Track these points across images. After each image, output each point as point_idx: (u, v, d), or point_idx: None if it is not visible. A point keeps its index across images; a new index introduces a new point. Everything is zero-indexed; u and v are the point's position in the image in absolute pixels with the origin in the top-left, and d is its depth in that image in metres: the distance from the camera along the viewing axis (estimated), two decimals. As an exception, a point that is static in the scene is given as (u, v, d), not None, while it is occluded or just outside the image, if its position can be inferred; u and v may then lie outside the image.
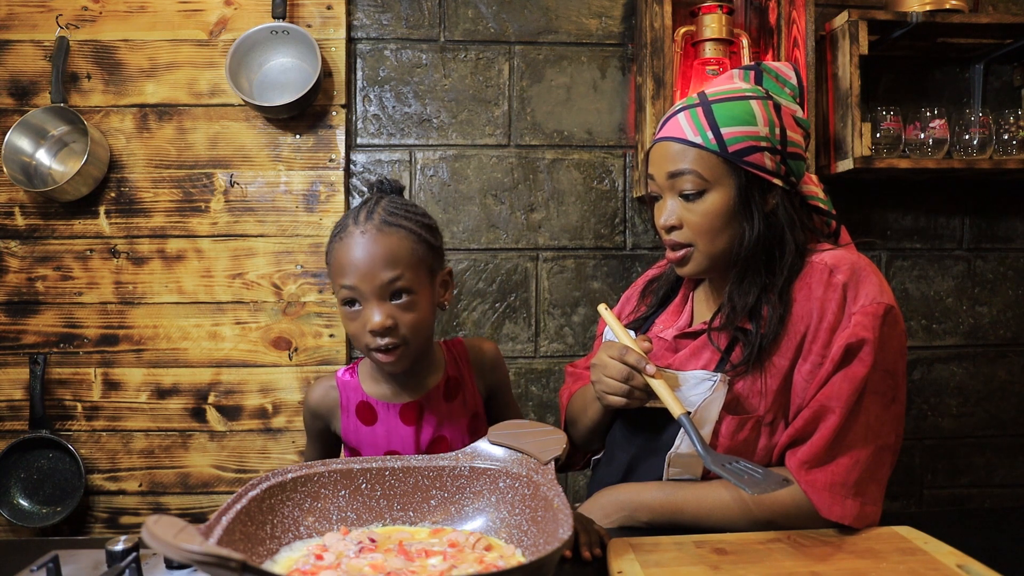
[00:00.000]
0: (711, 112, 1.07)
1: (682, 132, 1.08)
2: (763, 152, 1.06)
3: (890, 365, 1.02)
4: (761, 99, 1.08)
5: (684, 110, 1.09)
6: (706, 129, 1.06)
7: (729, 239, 1.08)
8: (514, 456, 0.96)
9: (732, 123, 1.06)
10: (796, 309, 1.06)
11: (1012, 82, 2.03)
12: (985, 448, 2.07)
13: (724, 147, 1.05)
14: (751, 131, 1.06)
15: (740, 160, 1.06)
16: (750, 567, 0.88)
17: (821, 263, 1.07)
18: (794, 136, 1.09)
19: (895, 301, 1.05)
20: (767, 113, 1.07)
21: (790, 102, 1.12)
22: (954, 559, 0.89)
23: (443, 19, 1.96)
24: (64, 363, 1.88)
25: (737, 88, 1.10)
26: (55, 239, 1.87)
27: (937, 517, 1.36)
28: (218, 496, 1.90)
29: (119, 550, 0.84)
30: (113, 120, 1.87)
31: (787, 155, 1.08)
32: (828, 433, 1.01)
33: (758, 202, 1.07)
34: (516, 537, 0.89)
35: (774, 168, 1.07)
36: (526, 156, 1.97)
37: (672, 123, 1.10)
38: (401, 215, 1.08)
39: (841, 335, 1.02)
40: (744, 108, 1.07)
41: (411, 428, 1.14)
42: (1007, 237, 2.06)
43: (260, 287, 1.90)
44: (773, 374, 1.06)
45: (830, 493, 1.00)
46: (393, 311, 1.04)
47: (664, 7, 1.77)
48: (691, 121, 1.07)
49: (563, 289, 1.97)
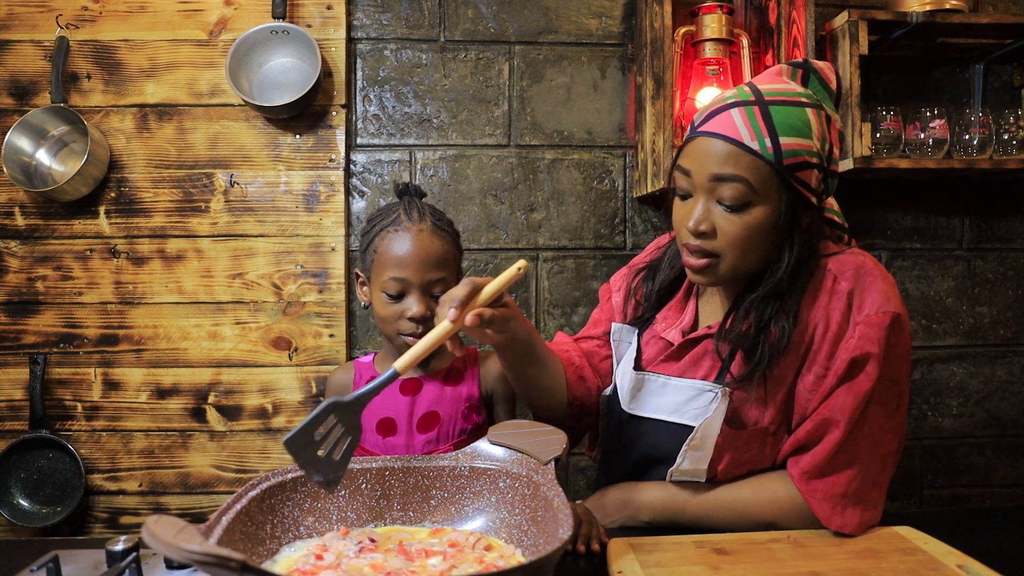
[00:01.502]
0: (769, 115, 0.97)
1: (736, 131, 0.97)
2: (812, 169, 0.99)
3: (895, 373, 1.00)
4: (815, 108, 1.01)
5: (739, 106, 0.98)
6: (764, 135, 0.96)
7: (762, 256, 1.01)
8: (514, 456, 0.96)
9: (791, 133, 0.97)
10: (801, 316, 1.02)
11: (1012, 82, 2.03)
12: (985, 448, 2.07)
13: (780, 158, 0.96)
14: (806, 144, 0.98)
15: (792, 175, 0.97)
16: (750, 567, 0.88)
17: (825, 269, 1.03)
18: (836, 153, 1.04)
19: (902, 305, 1.01)
20: (821, 126, 1.00)
21: (832, 110, 1.06)
22: (954, 559, 0.89)
23: (443, 19, 1.96)
24: (64, 363, 1.88)
25: (792, 90, 1.01)
26: (55, 239, 1.87)
27: (937, 517, 1.36)
28: (218, 496, 1.90)
29: (119, 550, 0.84)
30: (113, 120, 1.87)
31: (829, 172, 1.02)
32: (831, 446, 0.99)
33: (802, 222, 1.00)
34: (516, 537, 0.89)
35: (817, 186, 1.01)
36: (526, 156, 1.97)
37: (724, 118, 0.98)
38: (445, 222, 1.23)
39: (846, 347, 0.98)
40: (802, 117, 0.98)
41: (408, 399, 1.22)
42: (1007, 237, 2.06)
43: (260, 287, 1.90)
44: (776, 384, 1.03)
45: (831, 503, 0.99)
46: (431, 304, 1.17)
47: (664, 7, 1.77)
48: (747, 121, 0.97)
49: (563, 289, 1.97)
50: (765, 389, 1.02)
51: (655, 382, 1.10)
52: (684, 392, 1.06)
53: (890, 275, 1.05)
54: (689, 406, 1.05)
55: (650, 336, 1.17)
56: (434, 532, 0.92)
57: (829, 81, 1.07)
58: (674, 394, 1.08)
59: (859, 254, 1.05)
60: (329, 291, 1.90)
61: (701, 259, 1.02)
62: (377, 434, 1.22)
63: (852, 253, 1.06)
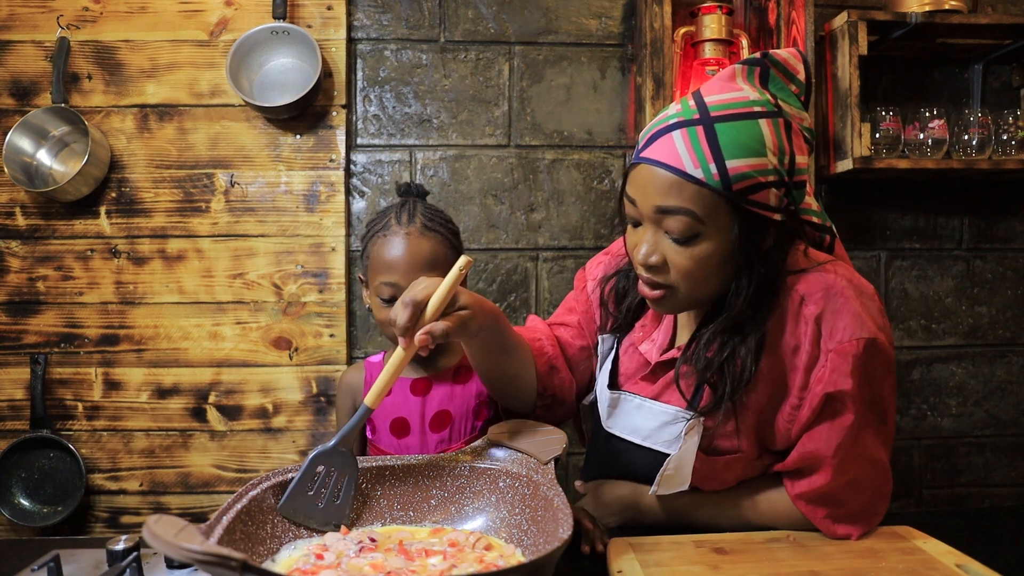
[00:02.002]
0: (715, 135, 0.88)
1: (678, 158, 0.89)
2: (770, 188, 0.90)
3: (877, 395, 0.96)
4: (771, 116, 0.91)
5: (681, 127, 0.90)
6: (709, 160, 0.87)
7: (718, 285, 0.95)
8: (514, 456, 0.97)
9: (740, 154, 0.88)
10: (768, 340, 0.96)
11: (1011, 82, 2.03)
12: (984, 448, 2.07)
13: (728, 185, 0.88)
14: (759, 164, 0.88)
15: (744, 199, 0.89)
16: (750, 567, 0.89)
17: (791, 290, 0.95)
18: (802, 161, 0.94)
19: (878, 325, 0.93)
20: (778, 137, 0.90)
21: (798, 108, 0.97)
22: (953, 559, 0.89)
23: (443, 19, 1.96)
24: (65, 363, 1.88)
25: (743, 99, 0.91)
26: (56, 239, 1.88)
27: (936, 517, 1.36)
28: (219, 496, 1.90)
29: (120, 549, 0.84)
30: (114, 120, 1.88)
31: (793, 185, 0.93)
32: (825, 482, 0.97)
33: (757, 247, 0.92)
34: (516, 537, 0.90)
35: (777, 204, 0.92)
36: (526, 156, 1.98)
37: (665, 143, 0.90)
38: (438, 221, 1.22)
39: (818, 377, 0.94)
40: (753, 133, 0.89)
41: (419, 399, 1.25)
42: (1006, 237, 2.07)
43: (260, 287, 1.90)
44: (750, 410, 0.98)
45: (832, 520, 0.99)
46: None
47: (664, 7, 1.77)
48: (690, 145, 0.88)
49: (563, 289, 1.97)
50: (736, 418, 0.98)
51: (631, 402, 1.07)
52: (658, 417, 1.03)
53: (869, 289, 0.97)
54: (663, 432, 1.02)
55: (628, 344, 1.13)
56: (434, 532, 0.92)
57: (795, 71, 0.98)
58: (648, 418, 1.04)
59: (829, 272, 0.96)
60: (329, 291, 1.90)
61: (655, 290, 0.96)
62: (391, 435, 1.23)
63: (821, 271, 0.96)
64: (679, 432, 0.99)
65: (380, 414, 1.26)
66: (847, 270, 0.98)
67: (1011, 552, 1.00)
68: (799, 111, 0.98)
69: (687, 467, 1.00)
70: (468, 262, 0.95)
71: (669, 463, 1.00)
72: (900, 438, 2.05)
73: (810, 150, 0.98)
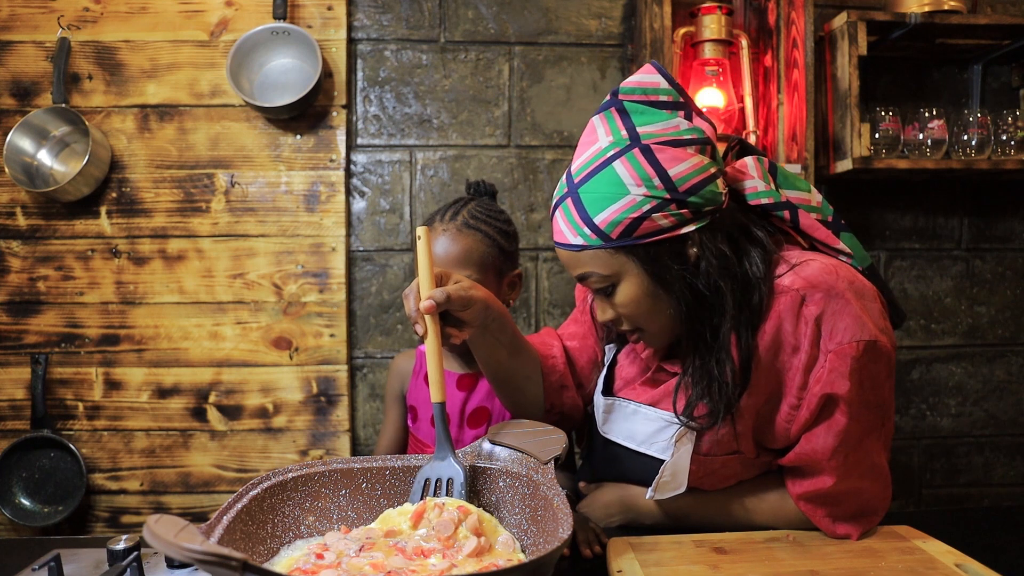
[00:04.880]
0: (580, 201, 0.93)
1: (564, 236, 0.97)
2: (649, 216, 0.91)
3: (877, 399, 0.96)
4: (624, 152, 0.92)
5: (559, 206, 0.97)
6: (581, 225, 0.93)
7: (665, 314, 0.98)
8: (514, 456, 0.97)
9: (602, 206, 0.92)
10: (766, 342, 0.96)
11: (1010, 83, 2.03)
12: (983, 447, 2.07)
13: (606, 237, 0.93)
14: (624, 204, 0.91)
15: (630, 240, 0.93)
16: (749, 566, 0.89)
17: (791, 290, 0.95)
18: (680, 169, 0.91)
19: (879, 328, 0.93)
20: (636, 168, 0.91)
21: (665, 121, 0.93)
22: (952, 558, 0.89)
23: (443, 20, 1.96)
24: (65, 363, 1.88)
25: (596, 151, 0.94)
26: (56, 239, 1.88)
27: (935, 516, 1.37)
28: (219, 495, 1.90)
29: (120, 549, 0.84)
30: (114, 120, 1.88)
31: (681, 195, 0.91)
32: (826, 485, 0.97)
33: (673, 267, 0.94)
34: (516, 536, 0.90)
35: (675, 220, 0.92)
36: (526, 156, 1.98)
37: (555, 226, 0.99)
38: (483, 219, 1.24)
39: (817, 377, 0.94)
40: (609, 179, 0.92)
41: (463, 394, 1.29)
42: (1005, 237, 2.07)
43: (261, 287, 1.90)
44: (747, 414, 0.99)
45: (832, 520, 0.99)
46: None
47: (664, 8, 1.77)
48: (567, 221, 0.95)
49: (563, 289, 1.97)
50: (733, 424, 0.99)
51: (625, 408, 1.08)
52: (653, 423, 1.04)
53: (871, 290, 0.97)
54: (658, 438, 1.03)
55: (630, 349, 1.13)
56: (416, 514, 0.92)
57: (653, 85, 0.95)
58: (643, 423, 1.05)
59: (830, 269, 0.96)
60: (329, 291, 1.90)
61: (632, 335, 1.04)
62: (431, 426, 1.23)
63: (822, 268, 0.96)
64: (669, 438, 1.01)
65: (424, 404, 1.31)
66: (848, 271, 0.97)
67: (1011, 552, 1.00)
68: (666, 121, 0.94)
69: (682, 473, 1.01)
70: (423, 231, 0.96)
71: (664, 470, 1.01)
72: (900, 438, 2.06)
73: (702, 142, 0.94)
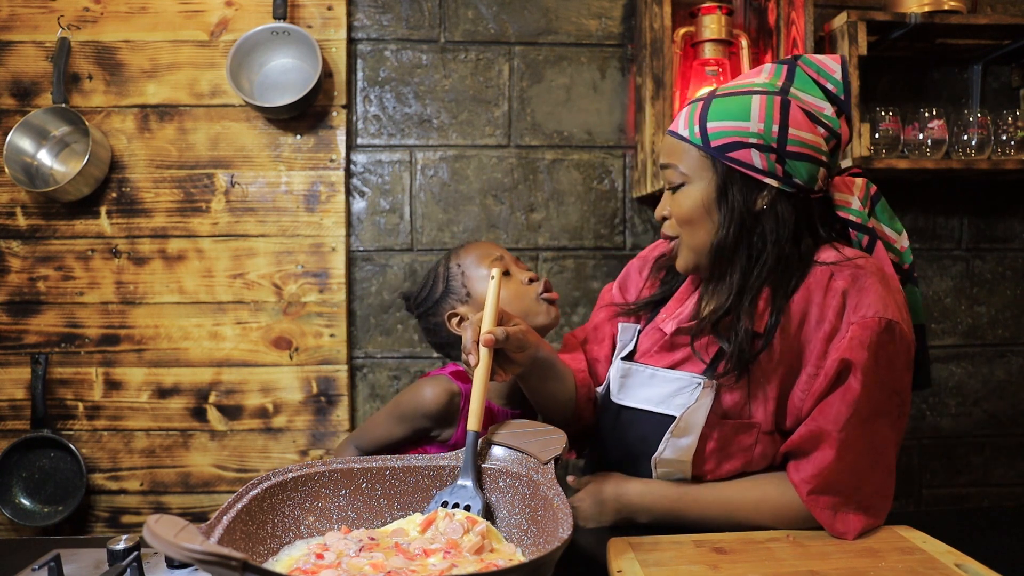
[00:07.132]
0: (708, 106, 1.05)
1: (677, 126, 1.08)
2: (750, 148, 1.02)
3: (896, 384, 1.00)
4: (767, 94, 1.04)
5: (693, 103, 1.09)
6: (695, 123, 1.05)
7: (707, 234, 1.06)
8: (514, 456, 0.97)
9: (720, 117, 1.03)
10: (795, 313, 1.02)
11: (1010, 83, 2.03)
12: (983, 447, 2.07)
13: (707, 141, 1.04)
14: (739, 126, 1.02)
15: (722, 155, 1.03)
16: (749, 566, 0.89)
17: (823, 266, 1.03)
18: (802, 135, 1.03)
19: (902, 314, 0.99)
20: (767, 109, 1.02)
21: (818, 99, 1.06)
22: (952, 558, 0.89)
23: (443, 20, 1.96)
24: (65, 363, 1.88)
25: (750, 83, 1.07)
26: (56, 239, 1.88)
27: (935, 516, 1.37)
28: (219, 495, 1.90)
29: (120, 549, 0.84)
30: (114, 120, 1.88)
31: (786, 154, 1.02)
32: (830, 460, 0.98)
33: (737, 199, 1.03)
34: (516, 537, 0.90)
35: (765, 167, 1.02)
36: (526, 156, 1.98)
37: (677, 117, 1.11)
38: None
39: (837, 346, 0.99)
40: (741, 104, 1.03)
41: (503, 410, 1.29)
42: (1005, 237, 2.07)
43: (261, 287, 1.90)
44: (765, 381, 1.03)
45: (833, 511, 0.99)
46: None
47: (664, 8, 1.77)
48: (687, 116, 1.07)
49: (563, 289, 1.97)
50: (749, 385, 1.03)
51: (642, 373, 1.12)
52: (671, 384, 1.07)
53: (896, 282, 1.05)
54: (676, 398, 1.06)
55: (651, 328, 1.18)
56: (425, 522, 0.92)
57: (830, 71, 1.08)
58: (661, 385, 1.08)
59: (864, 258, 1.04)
60: (329, 291, 1.90)
61: (669, 243, 1.14)
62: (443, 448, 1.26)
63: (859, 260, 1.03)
64: (691, 395, 1.04)
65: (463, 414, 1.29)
66: (886, 264, 1.06)
67: (1011, 552, 1.00)
68: (817, 100, 1.06)
69: (696, 428, 1.03)
70: (497, 274, 1.04)
71: (679, 421, 1.03)
72: (900, 438, 2.06)
73: (829, 136, 1.06)
